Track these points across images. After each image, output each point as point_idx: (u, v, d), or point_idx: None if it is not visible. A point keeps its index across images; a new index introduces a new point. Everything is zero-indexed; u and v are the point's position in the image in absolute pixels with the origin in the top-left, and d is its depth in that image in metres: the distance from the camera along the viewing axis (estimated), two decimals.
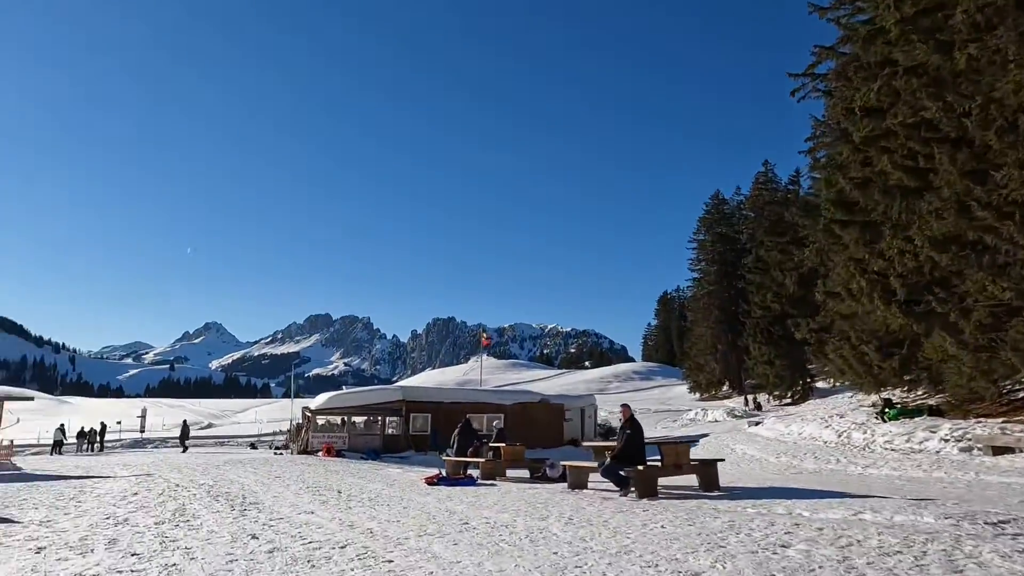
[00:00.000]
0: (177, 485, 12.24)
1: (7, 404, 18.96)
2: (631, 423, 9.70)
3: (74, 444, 33.47)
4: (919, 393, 23.39)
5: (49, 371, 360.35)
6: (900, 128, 17.54)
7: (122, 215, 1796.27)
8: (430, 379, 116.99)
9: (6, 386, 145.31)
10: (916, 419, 17.61)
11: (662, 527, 6.22)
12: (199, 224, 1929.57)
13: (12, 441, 21.08)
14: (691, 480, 10.57)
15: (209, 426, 68.76)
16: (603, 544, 5.53)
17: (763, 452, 20.26)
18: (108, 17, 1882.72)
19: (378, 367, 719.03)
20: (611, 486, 10.44)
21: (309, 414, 25.04)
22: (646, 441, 9.80)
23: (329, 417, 25.43)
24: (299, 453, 24.07)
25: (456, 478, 12.10)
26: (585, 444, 12.62)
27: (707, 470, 9.97)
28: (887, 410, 19.50)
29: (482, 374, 36.14)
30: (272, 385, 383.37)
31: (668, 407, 63.10)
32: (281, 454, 25.29)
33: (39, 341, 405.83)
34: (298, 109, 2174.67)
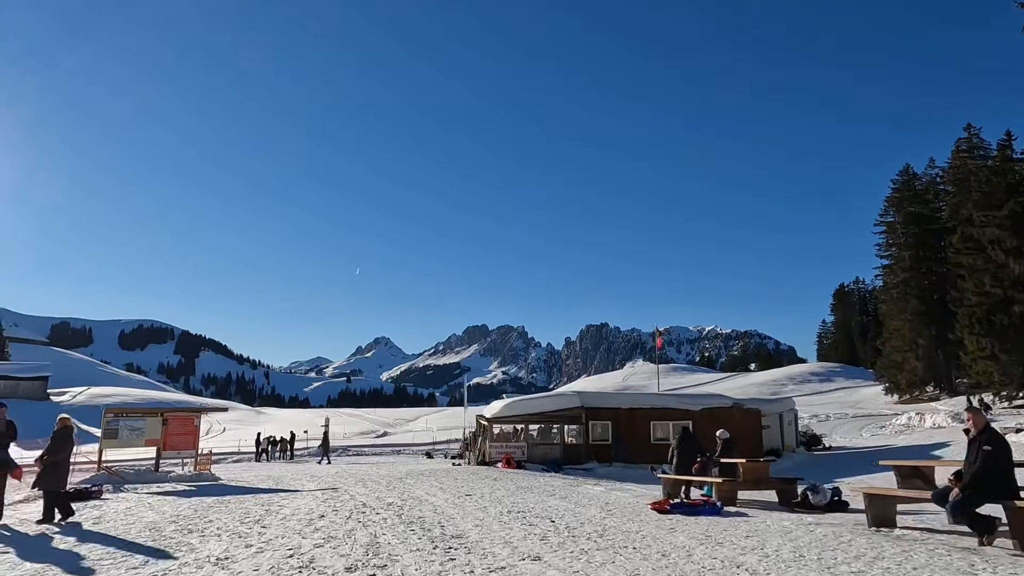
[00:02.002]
0: (364, 504, 10.81)
1: (208, 415, 19.29)
2: (989, 435, 6.43)
3: (267, 452, 35.28)
4: None
5: (248, 385, 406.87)
6: None
7: (302, 243, 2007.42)
8: (588, 387, 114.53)
9: (215, 399, 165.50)
10: None
11: None
12: (365, 246, 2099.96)
13: (211, 450, 21.71)
14: None
15: (384, 434, 71.70)
16: None
17: None
18: (296, 36, 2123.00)
19: (534, 375, 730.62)
20: (939, 525, 7.20)
21: (485, 423, 23.59)
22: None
23: (503, 426, 23.82)
24: (478, 464, 22.67)
25: (692, 504, 9.43)
26: (890, 462, 9.23)
27: None
28: None
29: (660, 379, 32.86)
30: (437, 394, 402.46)
31: (861, 411, 55.15)
32: (459, 464, 24.12)
33: (240, 359, 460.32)
34: (449, 133, 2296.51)
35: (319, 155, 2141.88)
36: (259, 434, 37.75)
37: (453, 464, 24.22)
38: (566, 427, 23.44)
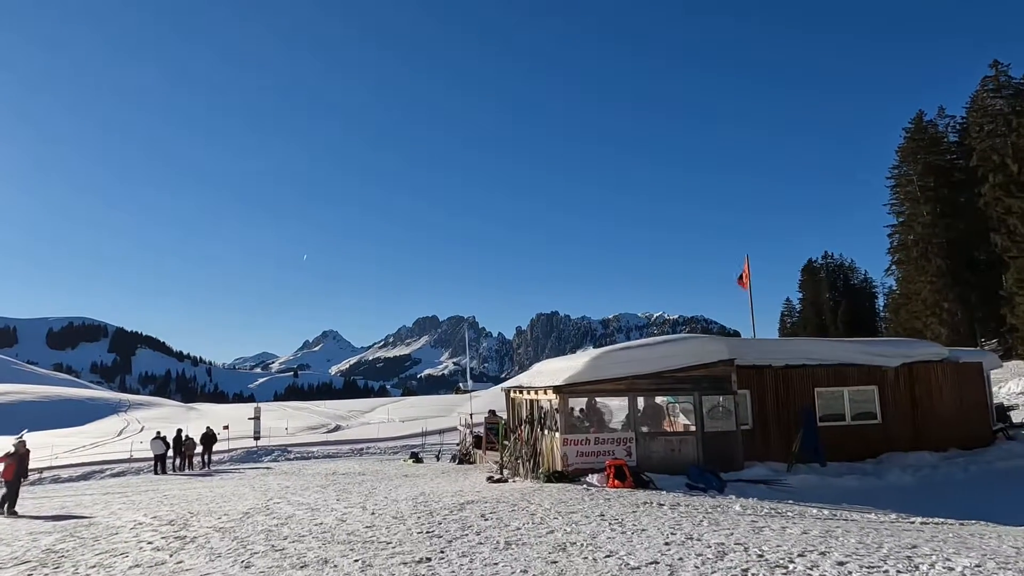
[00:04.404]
0: None
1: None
2: None
3: (160, 460, 22.94)
4: None
5: (190, 383, 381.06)
6: None
7: (244, 235, 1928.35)
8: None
9: (153, 397, 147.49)
10: None
11: None
12: (310, 238, 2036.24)
13: None
14: None
15: (337, 428, 59.50)
16: None
17: None
18: (245, 31, 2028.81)
19: (486, 365, 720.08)
20: None
21: (548, 397, 12.28)
22: None
23: (583, 400, 12.59)
24: (545, 479, 11.31)
25: None
26: None
27: None
28: None
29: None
30: (388, 387, 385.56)
31: None
32: (503, 479, 12.66)
33: (180, 356, 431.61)
34: (399, 120, 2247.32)
35: (256, 140, 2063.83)
36: (159, 433, 25.05)
37: (491, 480, 12.72)
38: (703, 398, 12.32)
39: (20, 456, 13.37)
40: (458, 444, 22.25)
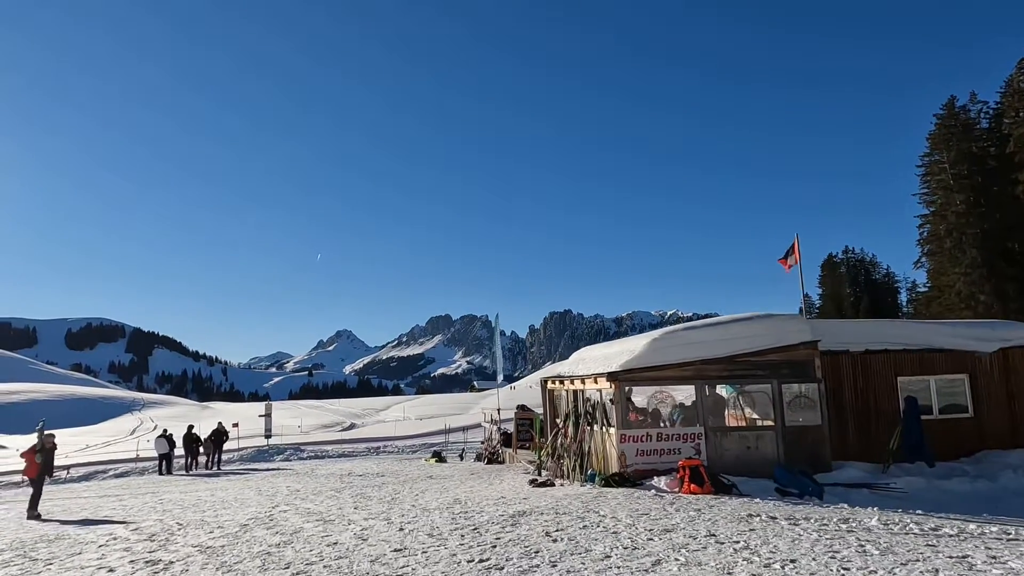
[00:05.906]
0: None
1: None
2: None
3: (166, 459, 21.37)
4: None
5: (206, 382, 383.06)
6: None
7: (259, 235, 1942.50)
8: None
9: (170, 396, 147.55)
10: None
11: None
12: (323, 238, 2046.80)
13: None
14: None
15: (352, 426, 58.19)
16: None
17: None
18: (249, 32, 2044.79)
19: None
20: None
21: (599, 386, 10.45)
22: None
23: (646, 389, 10.80)
24: (608, 483, 9.50)
25: None
26: None
27: None
28: None
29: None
30: (402, 386, 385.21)
31: None
32: (547, 482, 10.84)
33: (196, 356, 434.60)
34: (400, 119, 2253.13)
35: (270, 144, 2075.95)
36: (166, 432, 23.45)
37: (534, 484, 10.91)
38: (782, 386, 10.47)
39: (47, 451, 12.14)
40: (483, 442, 20.51)
